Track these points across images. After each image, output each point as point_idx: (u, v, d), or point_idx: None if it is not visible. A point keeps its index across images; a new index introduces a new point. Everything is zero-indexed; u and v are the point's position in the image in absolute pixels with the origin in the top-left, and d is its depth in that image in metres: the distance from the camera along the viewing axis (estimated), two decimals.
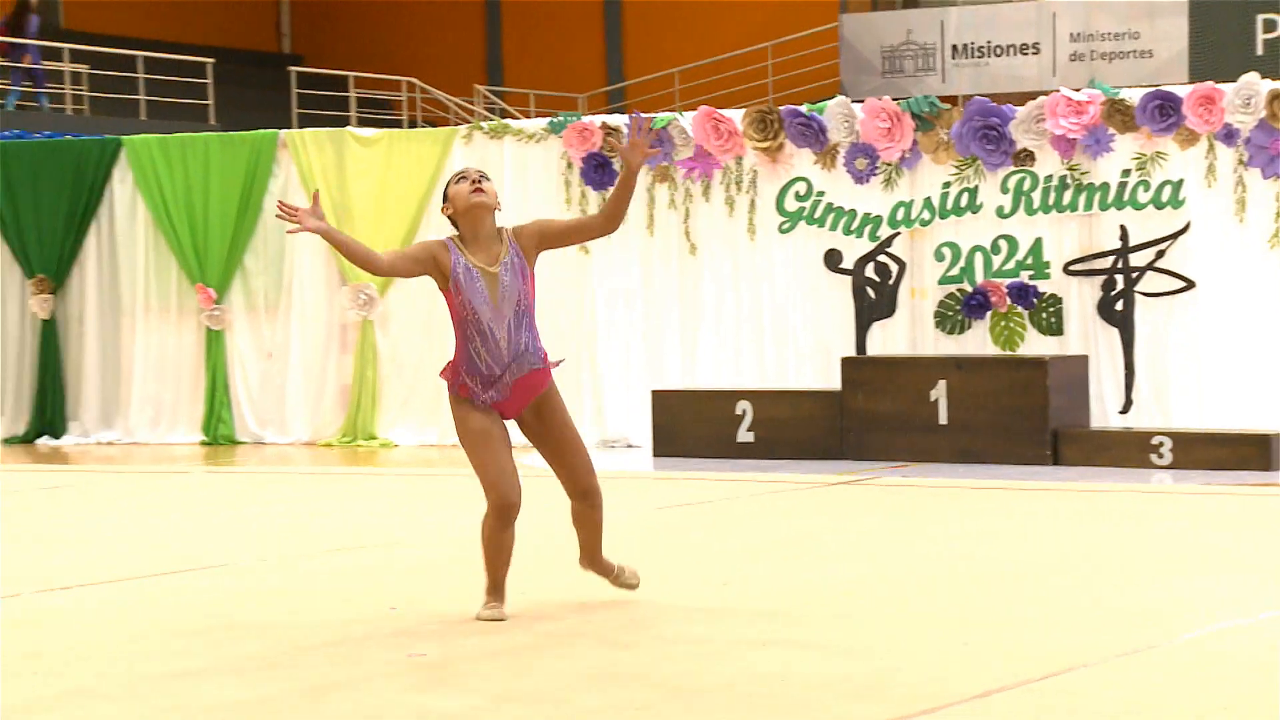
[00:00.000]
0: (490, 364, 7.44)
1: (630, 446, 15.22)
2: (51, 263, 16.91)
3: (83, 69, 29.41)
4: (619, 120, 15.66)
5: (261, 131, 16.91)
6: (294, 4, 37.59)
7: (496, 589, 7.55)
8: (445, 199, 7.55)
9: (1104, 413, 14.01)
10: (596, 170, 15.47)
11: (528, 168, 15.83)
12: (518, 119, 17.26)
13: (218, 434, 16.48)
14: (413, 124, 30.00)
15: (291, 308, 16.44)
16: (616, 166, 15.38)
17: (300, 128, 17.20)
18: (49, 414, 16.94)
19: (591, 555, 7.96)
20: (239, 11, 36.16)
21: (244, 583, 8.82)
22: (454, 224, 7.52)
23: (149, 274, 16.75)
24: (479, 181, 7.45)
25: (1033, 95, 14.55)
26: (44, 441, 16.77)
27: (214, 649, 7.09)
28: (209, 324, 16.55)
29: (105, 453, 16.18)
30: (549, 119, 16.19)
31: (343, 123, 25.97)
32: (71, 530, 11.12)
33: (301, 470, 14.57)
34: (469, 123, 17.02)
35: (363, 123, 27.41)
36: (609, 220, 7.49)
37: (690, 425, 14.40)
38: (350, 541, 10.22)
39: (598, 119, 15.93)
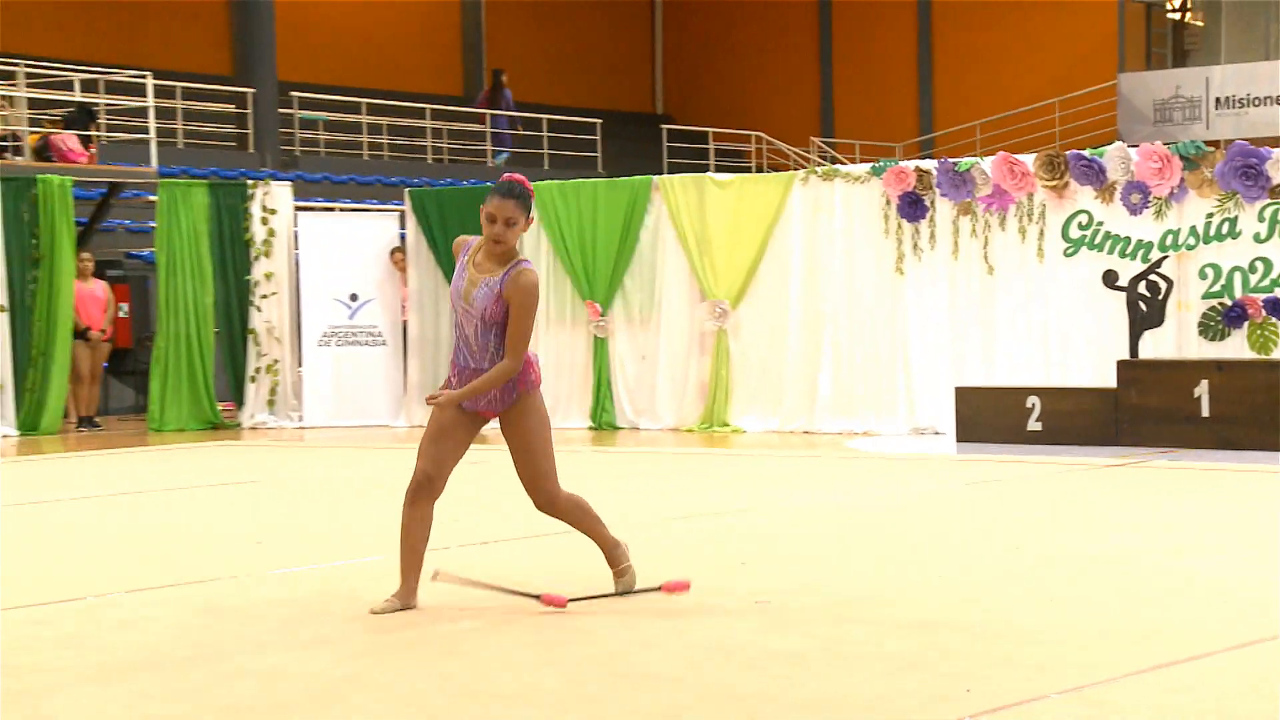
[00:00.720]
0: (464, 356, 6.66)
1: (937, 434, 14.98)
2: None
3: (500, 130, 30.09)
4: (929, 164, 15.46)
5: (639, 177, 17.06)
6: (666, 73, 37.96)
7: (404, 577, 6.75)
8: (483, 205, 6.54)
9: None
10: (910, 206, 15.29)
11: (853, 205, 15.70)
12: (845, 164, 17.10)
13: (602, 421, 16.68)
14: (759, 170, 30.05)
15: (661, 319, 16.55)
16: (928, 202, 15.21)
17: (669, 174, 17.28)
18: None
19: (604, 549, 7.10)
20: (621, 80, 36.66)
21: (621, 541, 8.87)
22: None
23: (550, 292, 17.01)
24: (506, 227, 6.46)
25: None
26: None
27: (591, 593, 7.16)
28: (596, 333, 16.75)
29: None
30: (871, 164, 16.05)
31: (703, 169, 26.11)
32: (489, 499, 11.32)
33: (668, 451, 14.67)
34: (805, 168, 16.93)
35: (719, 169, 27.53)
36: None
37: (988, 416, 14.12)
38: (707, 509, 10.23)
39: (911, 164, 15.76)
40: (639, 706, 5.15)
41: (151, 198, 19.19)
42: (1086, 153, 14.68)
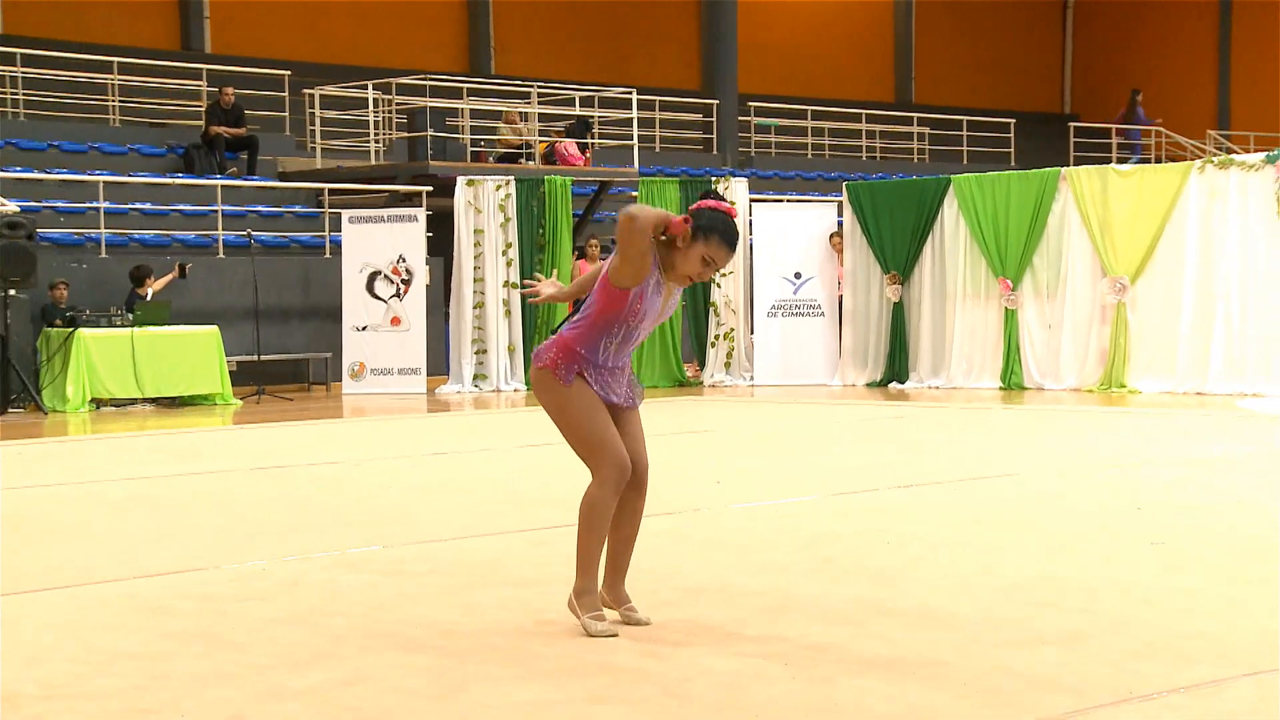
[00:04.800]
0: (614, 358, 5.15)
1: None
2: (900, 262, 17.10)
3: (925, 130, 29.67)
4: None
5: (1048, 170, 16.53)
6: (1074, 74, 36.50)
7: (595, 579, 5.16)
8: (686, 234, 4.98)
9: None
10: None
11: (1248, 191, 14.80)
12: (1240, 155, 16.11)
13: (1011, 382, 16.25)
14: (1159, 161, 28.60)
15: (1065, 293, 16.00)
16: None
17: (1075, 166, 16.65)
18: (897, 366, 17.16)
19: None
20: (1033, 82, 35.50)
21: (1030, 488, 8.65)
22: (668, 240, 5.02)
23: (966, 270, 16.68)
24: (713, 267, 5.06)
25: None
26: (893, 386, 17.01)
27: (994, 532, 6.98)
28: (1007, 305, 16.32)
29: (933, 394, 16.26)
30: (1265, 153, 15.07)
31: (1106, 161, 25.03)
32: (905, 444, 11.19)
33: (1070, 409, 14.17)
34: (1203, 158, 16.02)
35: (1120, 161, 26.34)
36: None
37: None
38: (1107, 460, 9.83)
39: None
40: (1044, 632, 5.00)
41: (634, 193, 19.73)
42: None
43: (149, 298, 15.98)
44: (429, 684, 4.48)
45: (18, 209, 15.41)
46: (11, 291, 14.88)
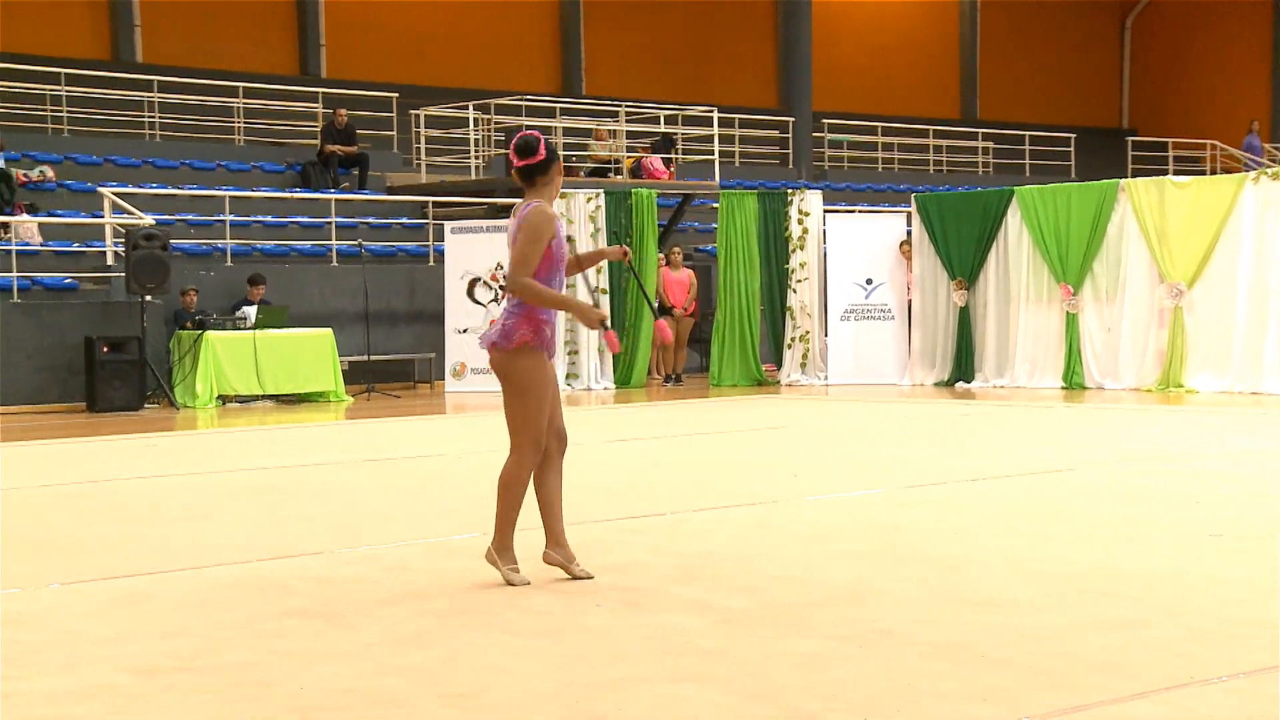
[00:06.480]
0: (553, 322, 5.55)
1: None
2: (966, 269, 16.91)
3: (989, 144, 29.34)
4: None
5: (1107, 181, 16.27)
6: (1132, 91, 35.88)
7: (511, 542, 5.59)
8: (547, 165, 5.33)
9: None
10: None
11: None
12: None
13: (1072, 382, 16.01)
14: (1214, 173, 28.06)
15: (1125, 297, 15.73)
16: None
17: (1133, 178, 16.36)
18: (963, 367, 16.96)
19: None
20: (1093, 99, 34.94)
21: (1091, 481, 8.50)
22: (535, 184, 5.36)
23: (1029, 276, 16.45)
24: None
25: None
26: (959, 385, 16.82)
27: (1054, 523, 6.86)
28: (1068, 309, 16.08)
29: (998, 393, 16.05)
30: None
31: (1163, 173, 24.66)
32: (970, 440, 11.07)
33: (1130, 407, 13.93)
34: (1257, 170, 15.70)
35: (1177, 173, 25.89)
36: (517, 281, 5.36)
37: None
38: (1168, 454, 9.63)
39: None
40: (1104, 618, 4.91)
41: (714, 205, 19.68)
42: None
43: (256, 303, 16.21)
44: (526, 663, 4.49)
45: (153, 222, 15.69)
46: (148, 297, 15.17)
